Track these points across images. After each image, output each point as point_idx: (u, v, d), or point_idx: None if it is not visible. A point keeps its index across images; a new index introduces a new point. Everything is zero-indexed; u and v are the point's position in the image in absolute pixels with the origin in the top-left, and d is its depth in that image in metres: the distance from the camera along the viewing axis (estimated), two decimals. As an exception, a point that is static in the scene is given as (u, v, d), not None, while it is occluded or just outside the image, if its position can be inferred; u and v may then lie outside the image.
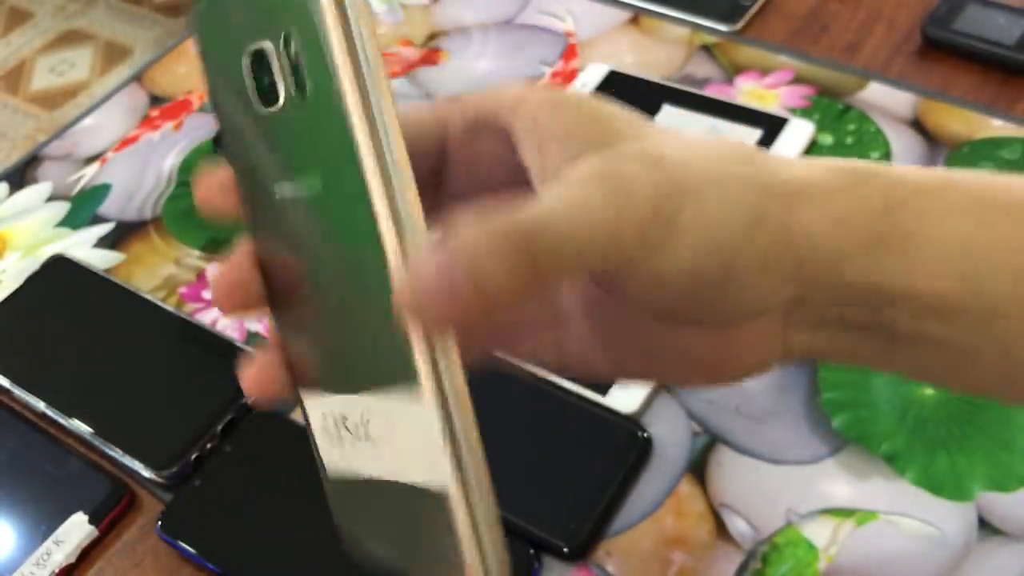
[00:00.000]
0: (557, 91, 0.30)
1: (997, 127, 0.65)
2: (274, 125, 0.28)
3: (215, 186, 0.30)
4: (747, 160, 0.29)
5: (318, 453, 0.31)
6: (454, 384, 0.27)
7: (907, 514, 0.48)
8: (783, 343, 0.30)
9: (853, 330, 0.29)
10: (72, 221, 0.68)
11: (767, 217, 0.28)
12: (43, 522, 0.50)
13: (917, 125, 0.66)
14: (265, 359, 0.31)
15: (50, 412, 0.55)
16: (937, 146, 0.65)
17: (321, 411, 0.31)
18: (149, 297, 0.60)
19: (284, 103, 0.28)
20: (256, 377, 0.31)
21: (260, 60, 0.28)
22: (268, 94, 0.28)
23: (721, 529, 0.48)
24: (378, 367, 0.28)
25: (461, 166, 0.32)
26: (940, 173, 0.29)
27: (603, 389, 0.52)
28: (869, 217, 0.28)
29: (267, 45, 0.27)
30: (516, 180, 0.30)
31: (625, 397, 0.52)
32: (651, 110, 0.67)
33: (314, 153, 0.28)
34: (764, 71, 0.71)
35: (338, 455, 0.31)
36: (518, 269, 0.26)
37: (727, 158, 0.29)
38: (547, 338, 0.33)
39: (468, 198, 0.32)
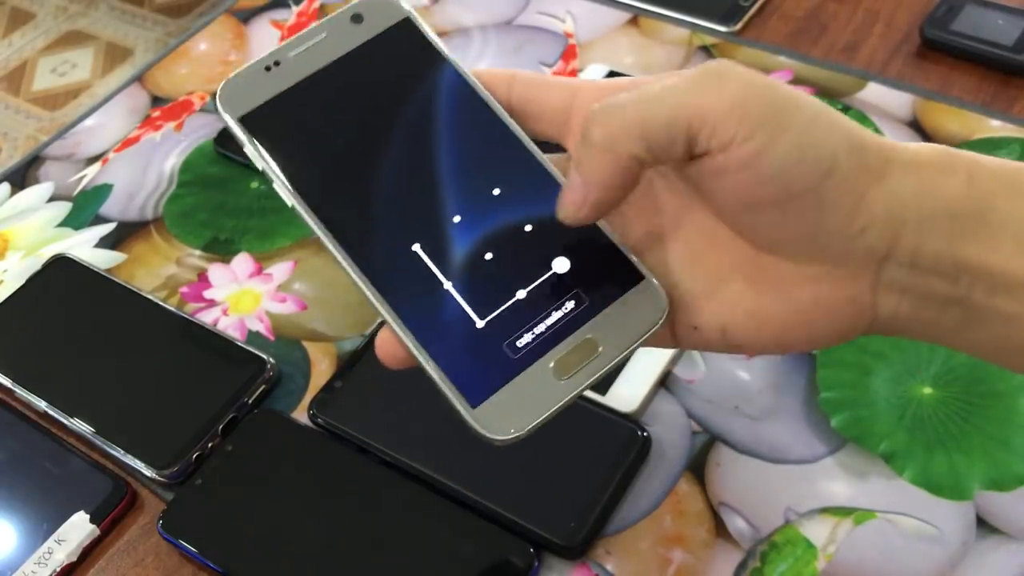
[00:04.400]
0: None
1: (995, 127, 0.65)
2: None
3: (390, 347, 0.33)
4: (846, 118, 0.31)
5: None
6: None
7: (905, 513, 0.48)
8: (872, 307, 0.32)
9: (933, 301, 0.31)
10: (74, 221, 0.68)
11: (867, 152, 0.30)
12: (45, 521, 0.51)
13: (915, 126, 0.66)
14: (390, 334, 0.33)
15: (52, 411, 0.55)
16: (936, 146, 0.65)
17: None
18: (150, 297, 0.60)
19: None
20: (387, 348, 0.33)
21: None
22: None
23: (720, 528, 0.48)
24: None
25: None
26: (1018, 162, 0.31)
27: (603, 389, 0.52)
28: (953, 190, 0.30)
29: None
30: None
31: (625, 396, 0.52)
32: (651, 111, 0.67)
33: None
34: (763, 72, 0.71)
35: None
36: (596, 138, 0.30)
37: (830, 108, 0.31)
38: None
39: None
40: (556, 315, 0.33)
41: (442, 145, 0.35)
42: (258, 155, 0.34)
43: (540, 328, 0.33)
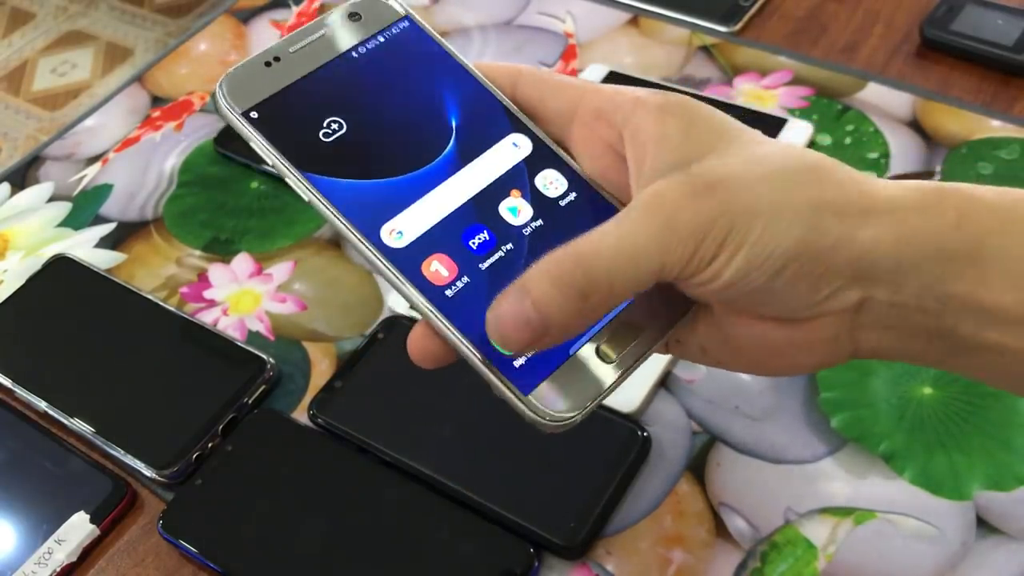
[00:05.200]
0: (671, 99, 0.33)
1: (995, 127, 0.65)
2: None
3: (423, 338, 0.33)
4: (816, 180, 0.31)
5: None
6: None
7: (906, 513, 0.48)
8: (852, 342, 0.32)
9: (918, 335, 0.31)
10: (74, 221, 0.68)
11: (826, 233, 0.30)
12: (45, 521, 0.51)
13: (915, 125, 0.66)
14: (426, 331, 0.33)
15: (52, 412, 0.55)
16: (935, 146, 0.65)
17: None
18: (150, 297, 0.60)
19: None
20: (421, 345, 0.33)
21: None
22: None
23: (720, 528, 0.48)
24: None
25: (582, 144, 0.35)
26: (1016, 192, 0.31)
27: (603, 389, 0.52)
28: (940, 233, 0.30)
29: None
30: (622, 168, 0.34)
31: (625, 396, 0.52)
32: (651, 111, 0.67)
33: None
34: (763, 72, 0.71)
35: None
36: (570, 299, 0.29)
37: (793, 179, 0.30)
38: None
39: (589, 171, 0.36)
40: None
41: (458, 140, 0.35)
42: (267, 151, 0.34)
43: None
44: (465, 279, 0.33)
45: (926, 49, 0.71)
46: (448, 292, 0.32)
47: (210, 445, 0.53)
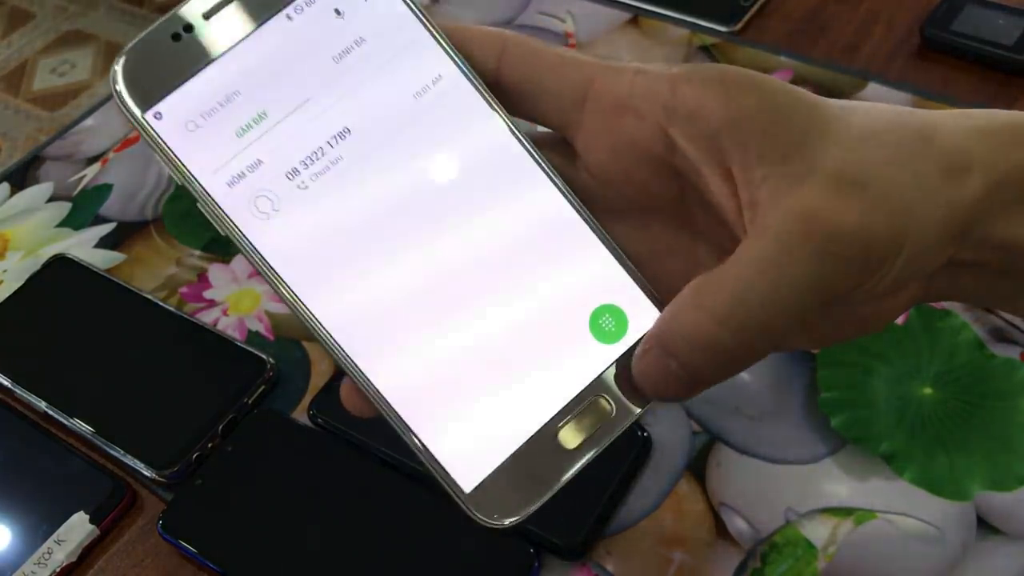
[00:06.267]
0: (722, 69, 0.28)
1: (996, 128, 0.65)
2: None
3: (354, 394, 0.30)
4: (925, 139, 0.28)
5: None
6: None
7: (906, 513, 0.48)
8: (924, 291, 0.31)
9: (985, 275, 0.30)
10: (73, 221, 0.68)
11: (954, 211, 0.28)
12: (44, 521, 0.51)
13: (916, 126, 0.66)
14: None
15: (52, 412, 0.55)
16: (936, 146, 0.65)
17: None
18: (150, 297, 0.60)
19: None
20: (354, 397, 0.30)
21: None
22: None
23: (720, 528, 0.48)
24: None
25: (597, 139, 0.30)
26: None
27: (603, 389, 0.52)
28: (1020, 176, 0.28)
29: None
30: (659, 167, 0.29)
31: (625, 397, 0.52)
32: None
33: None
34: (763, 72, 0.71)
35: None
36: (719, 360, 0.27)
37: (911, 151, 0.28)
38: None
39: (603, 172, 0.30)
40: (561, 372, 0.28)
41: (419, 152, 0.28)
42: (174, 166, 0.27)
43: (543, 390, 0.28)
44: (414, 346, 0.27)
45: (926, 49, 0.71)
46: (390, 364, 0.27)
47: (210, 445, 0.52)
